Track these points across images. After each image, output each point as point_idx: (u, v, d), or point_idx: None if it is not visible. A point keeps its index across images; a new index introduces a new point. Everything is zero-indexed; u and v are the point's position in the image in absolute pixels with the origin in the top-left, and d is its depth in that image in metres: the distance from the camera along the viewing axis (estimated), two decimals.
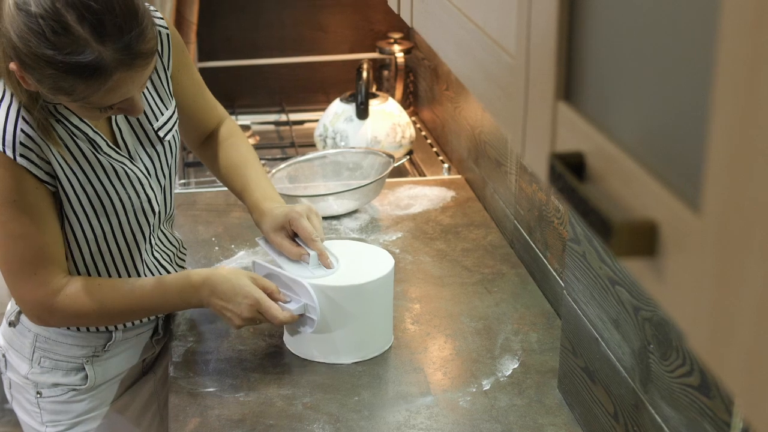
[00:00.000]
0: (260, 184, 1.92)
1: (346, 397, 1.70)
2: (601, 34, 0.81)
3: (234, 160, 1.97)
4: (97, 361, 1.85)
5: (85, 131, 1.66)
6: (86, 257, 1.73)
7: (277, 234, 1.83)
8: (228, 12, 3.25)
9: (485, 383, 1.73)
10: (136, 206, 1.74)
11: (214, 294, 1.73)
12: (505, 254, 2.20)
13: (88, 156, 1.67)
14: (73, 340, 1.82)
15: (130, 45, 1.48)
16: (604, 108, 0.81)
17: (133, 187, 1.73)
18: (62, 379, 1.84)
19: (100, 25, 1.45)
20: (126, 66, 1.49)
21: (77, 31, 1.45)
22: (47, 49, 1.45)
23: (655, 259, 0.71)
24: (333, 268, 1.78)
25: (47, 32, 1.45)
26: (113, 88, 1.51)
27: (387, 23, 3.30)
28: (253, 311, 1.72)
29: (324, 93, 3.33)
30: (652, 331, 1.33)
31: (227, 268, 1.78)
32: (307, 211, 1.83)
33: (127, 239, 1.76)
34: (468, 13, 1.17)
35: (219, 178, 2.02)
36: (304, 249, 1.80)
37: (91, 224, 1.71)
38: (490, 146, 2.37)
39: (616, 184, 0.77)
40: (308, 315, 1.76)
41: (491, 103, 1.09)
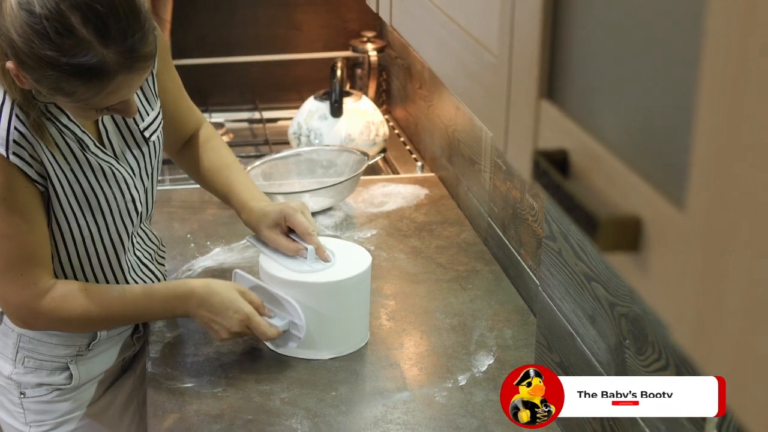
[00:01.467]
0: (245, 185, 1.93)
1: (324, 392, 1.71)
2: (584, 32, 0.83)
3: (216, 164, 1.97)
4: (81, 360, 1.84)
5: (74, 130, 1.66)
6: (72, 256, 1.73)
7: (272, 231, 1.84)
8: (202, 10, 3.26)
9: (461, 379, 1.75)
10: (120, 206, 1.74)
11: (202, 306, 1.73)
12: (479, 251, 2.22)
13: (77, 155, 1.67)
14: (58, 340, 1.81)
15: (134, 48, 1.47)
16: (587, 106, 0.83)
17: (119, 186, 1.73)
18: (46, 379, 1.83)
19: (105, 28, 1.45)
20: (128, 69, 1.48)
21: (81, 33, 1.44)
22: (50, 51, 1.44)
23: (639, 254, 0.73)
24: (330, 261, 1.80)
25: (51, 33, 1.44)
26: (114, 91, 1.50)
27: (360, 22, 3.31)
28: (243, 326, 1.73)
29: (297, 91, 3.34)
30: (628, 327, 1.35)
31: (215, 281, 1.78)
32: (301, 207, 1.84)
33: (113, 238, 1.75)
34: (450, 12, 1.19)
35: (199, 181, 2.02)
36: (301, 244, 1.81)
37: (78, 223, 1.70)
38: (464, 144, 2.39)
39: (599, 180, 0.79)
40: (293, 332, 1.77)
41: (473, 102, 1.11)
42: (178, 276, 2.11)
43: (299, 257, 1.81)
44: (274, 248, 1.85)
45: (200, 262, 2.18)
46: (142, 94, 1.78)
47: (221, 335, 1.74)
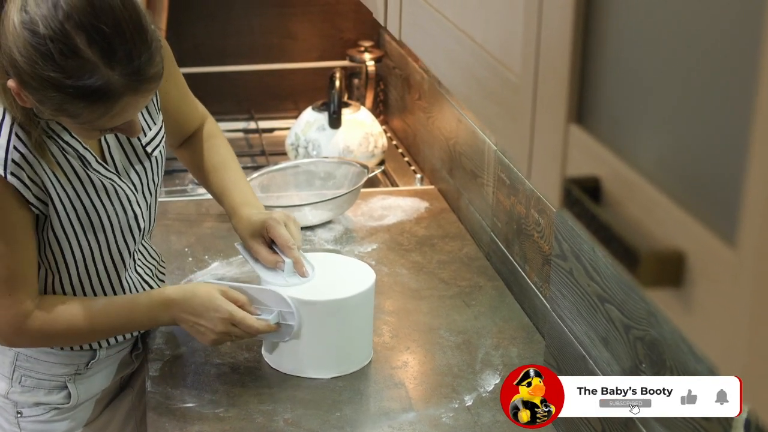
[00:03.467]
0: (239, 188, 1.90)
1: (328, 413, 1.68)
2: (618, 52, 0.80)
3: (213, 163, 1.94)
4: (80, 378, 1.81)
5: (75, 147, 1.62)
6: (72, 275, 1.70)
7: (254, 240, 1.81)
8: (196, 19, 3.22)
9: (467, 399, 1.72)
10: (122, 223, 1.71)
11: (184, 310, 1.70)
12: (482, 267, 2.19)
13: (79, 172, 1.63)
14: (56, 359, 1.77)
15: (140, 70, 1.44)
16: (622, 132, 0.80)
17: (120, 203, 1.69)
18: (44, 398, 1.80)
19: (110, 50, 1.41)
20: (134, 91, 1.45)
21: (87, 55, 1.40)
22: (54, 72, 1.40)
23: (682, 289, 0.70)
24: (308, 276, 1.76)
25: (55, 55, 1.40)
26: (118, 113, 1.47)
27: (356, 31, 3.28)
28: (227, 324, 1.69)
29: (293, 101, 3.30)
30: (645, 351, 1.32)
31: (195, 284, 1.76)
32: (285, 219, 1.81)
33: (113, 256, 1.72)
34: (465, 28, 1.16)
35: (198, 179, 2.00)
36: (280, 256, 1.78)
37: (80, 242, 1.67)
38: (466, 158, 2.36)
39: (635, 211, 0.76)
40: (285, 322, 1.73)
41: (492, 122, 1.08)
42: None
43: (277, 269, 1.78)
44: (257, 258, 1.82)
45: (198, 277, 2.14)
46: (145, 109, 1.74)
47: (208, 337, 1.70)
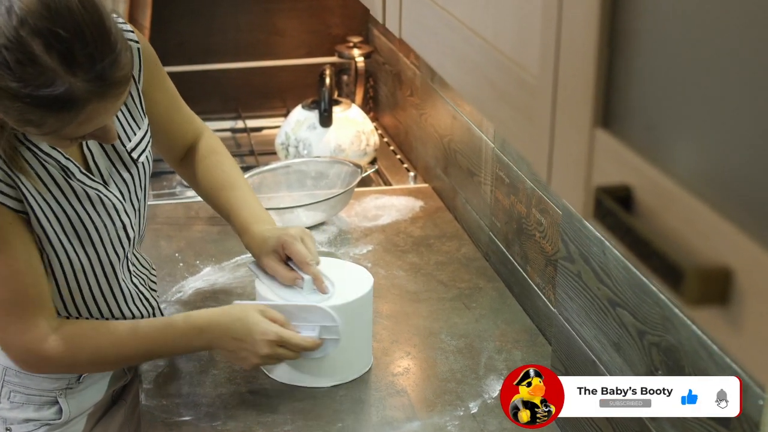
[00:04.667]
0: (248, 205, 1.83)
1: (329, 423, 1.62)
2: (650, 49, 0.74)
3: (219, 181, 1.87)
4: (71, 393, 1.74)
5: (57, 158, 1.54)
6: (62, 289, 1.62)
7: (270, 258, 1.74)
8: (181, 16, 3.16)
9: (472, 406, 1.67)
10: (111, 234, 1.63)
11: (225, 334, 1.62)
12: (481, 267, 2.14)
13: (61, 183, 1.55)
14: None
15: (104, 74, 1.35)
16: (654, 137, 0.75)
17: (108, 213, 1.62)
18: (34, 414, 1.73)
19: (70, 55, 1.32)
20: (99, 97, 1.36)
21: (45, 62, 1.32)
22: (12, 82, 1.32)
23: (729, 308, 0.65)
24: (328, 293, 1.70)
25: (11, 63, 1.31)
26: (86, 120, 1.39)
27: (344, 27, 3.22)
28: (273, 346, 1.61)
29: (281, 99, 3.25)
30: (661, 357, 1.27)
31: (230, 307, 1.67)
32: (301, 234, 1.74)
33: (105, 268, 1.65)
34: (474, 26, 1.10)
35: (201, 195, 1.92)
36: (298, 273, 1.71)
37: (68, 255, 1.59)
38: (462, 155, 2.31)
39: (674, 223, 0.71)
40: (329, 336, 1.67)
41: (505, 125, 1.03)
42: (168, 298, 2.02)
43: (296, 287, 1.72)
44: (273, 276, 1.75)
45: (190, 283, 2.08)
46: (128, 113, 1.67)
47: (251, 361, 1.63)
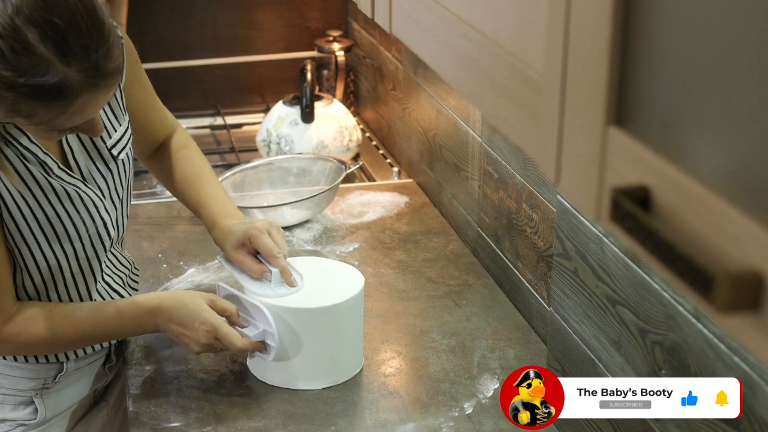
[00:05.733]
0: (217, 199, 1.81)
1: (322, 427, 1.59)
2: (667, 42, 0.71)
3: (188, 175, 1.85)
4: (47, 393, 1.72)
5: (35, 153, 1.53)
6: (37, 285, 1.61)
7: (238, 251, 1.72)
8: (157, 12, 3.11)
9: (467, 406, 1.64)
10: (91, 231, 1.62)
11: (170, 320, 1.63)
12: (469, 263, 2.11)
13: (39, 180, 1.54)
14: (21, 372, 1.69)
15: (97, 65, 1.35)
16: (674, 135, 0.72)
17: (87, 211, 1.60)
18: (9, 414, 1.71)
19: (65, 44, 1.32)
20: (92, 87, 1.36)
21: (40, 51, 1.32)
22: (6, 71, 1.32)
23: (761, 314, 0.63)
24: (296, 286, 1.68)
25: (6, 52, 1.31)
26: (77, 111, 1.38)
27: (323, 21, 3.18)
28: (210, 337, 1.62)
29: (260, 94, 3.21)
30: (664, 356, 1.25)
31: (183, 292, 1.68)
32: (268, 227, 1.73)
33: (82, 266, 1.63)
34: (472, 21, 1.07)
35: (173, 192, 1.91)
36: (266, 266, 1.69)
37: (43, 252, 1.58)
38: (447, 150, 2.28)
39: (698, 225, 0.68)
40: (267, 342, 1.66)
41: (509, 124, 1.00)
42: None
43: (264, 280, 1.70)
44: (242, 269, 1.73)
45: (174, 284, 2.04)
46: (109, 109, 1.66)
47: (192, 348, 1.64)
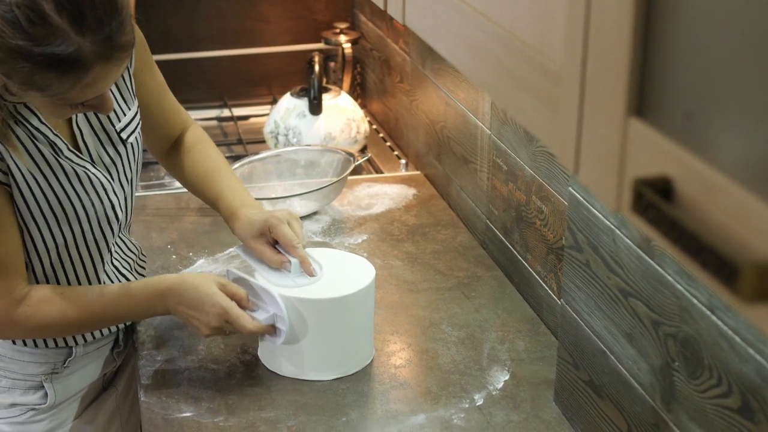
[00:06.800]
0: (235, 191, 1.82)
1: (333, 418, 1.59)
2: (690, 31, 0.71)
3: (205, 168, 1.85)
4: (57, 378, 1.73)
5: (46, 133, 1.55)
6: (45, 266, 1.62)
7: (257, 241, 1.73)
8: (164, 3, 3.11)
9: (477, 398, 1.65)
10: (99, 213, 1.63)
11: (181, 303, 1.63)
12: (478, 256, 2.12)
13: (49, 160, 1.56)
14: (31, 357, 1.70)
15: (111, 37, 1.38)
16: (696, 126, 0.72)
17: (96, 192, 1.62)
18: (20, 399, 1.72)
19: (80, 16, 1.35)
20: (105, 59, 1.39)
21: (55, 21, 1.35)
22: (22, 41, 1.35)
23: None
24: (316, 275, 1.68)
25: (23, 22, 1.34)
26: (90, 84, 1.41)
27: (330, 13, 3.18)
28: (221, 320, 1.62)
29: (267, 86, 3.21)
30: (678, 348, 1.25)
31: (194, 275, 1.68)
32: (288, 217, 1.73)
33: (90, 248, 1.65)
34: (488, 13, 1.07)
35: (188, 187, 1.91)
36: (285, 256, 1.69)
37: (52, 232, 1.59)
38: (456, 142, 2.28)
39: (721, 216, 0.68)
40: (278, 326, 1.66)
41: (527, 115, 1.00)
42: None
43: (283, 270, 1.70)
44: (261, 260, 1.73)
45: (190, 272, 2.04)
46: (118, 92, 1.68)
47: (202, 331, 1.64)
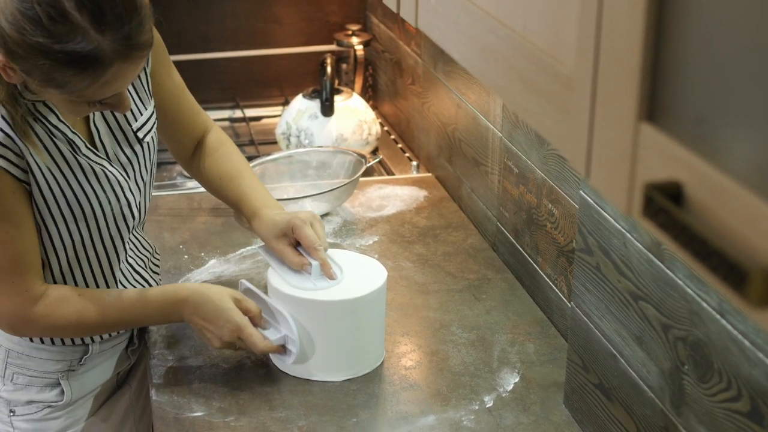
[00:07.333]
0: (258, 192, 1.83)
1: (343, 419, 1.60)
2: (702, 38, 0.71)
3: (228, 171, 1.87)
4: (73, 375, 1.75)
5: (64, 131, 1.57)
6: (62, 263, 1.64)
7: (279, 241, 1.74)
8: (178, 4, 3.12)
9: (487, 400, 1.65)
10: (115, 211, 1.65)
11: (196, 313, 1.65)
12: (489, 258, 2.12)
13: (67, 157, 1.57)
14: (48, 355, 1.72)
15: (130, 36, 1.40)
16: (705, 131, 0.72)
17: (113, 190, 1.63)
18: (37, 396, 1.74)
19: (100, 14, 1.37)
20: (124, 57, 1.41)
21: (76, 19, 1.37)
22: (42, 38, 1.37)
23: None
24: (336, 279, 1.69)
25: (44, 19, 1.36)
26: (108, 82, 1.42)
27: (342, 15, 3.19)
28: (234, 336, 1.64)
29: (279, 87, 3.22)
30: (687, 352, 1.25)
31: (211, 287, 1.69)
32: (311, 218, 1.74)
33: (106, 245, 1.66)
34: (500, 17, 1.08)
35: (210, 189, 1.92)
36: (306, 258, 1.70)
37: (69, 229, 1.61)
38: (467, 144, 2.29)
39: (731, 221, 0.69)
40: (288, 347, 1.67)
41: (538, 119, 1.00)
42: None
43: (304, 272, 1.71)
44: (282, 260, 1.74)
45: (195, 276, 2.06)
46: (135, 92, 1.69)
47: (213, 344, 1.66)
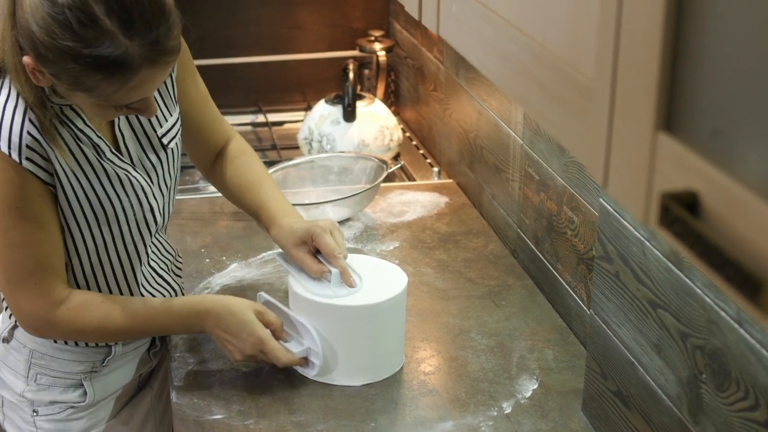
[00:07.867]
0: (278, 201, 1.84)
1: (362, 423, 1.61)
2: (720, 49, 0.72)
3: (248, 179, 1.88)
4: (96, 376, 1.77)
5: (89, 135, 1.58)
6: (85, 267, 1.65)
7: (299, 249, 1.75)
8: (202, 9, 3.14)
9: (505, 406, 1.66)
10: (138, 216, 1.66)
11: (218, 326, 1.67)
12: (509, 264, 2.13)
13: (92, 162, 1.59)
14: (71, 356, 1.73)
15: (158, 41, 1.41)
16: (722, 142, 0.73)
17: (136, 195, 1.65)
18: (60, 397, 1.75)
19: (129, 19, 1.39)
20: (151, 63, 1.42)
21: (105, 24, 1.38)
22: (72, 42, 1.38)
23: None
24: (356, 287, 1.69)
25: (74, 23, 1.37)
26: (136, 86, 1.44)
27: (365, 21, 3.21)
28: (256, 349, 1.66)
29: (301, 92, 3.23)
30: (705, 360, 1.25)
31: (234, 299, 1.70)
32: (331, 226, 1.75)
33: (128, 249, 1.68)
34: (521, 26, 1.09)
35: (230, 198, 1.93)
36: (326, 266, 1.71)
37: (92, 233, 1.63)
38: (488, 151, 2.29)
39: (746, 231, 0.69)
40: (311, 359, 1.68)
41: (557, 127, 1.01)
42: (196, 294, 2.01)
43: (323, 280, 1.72)
44: (300, 268, 1.75)
45: (217, 279, 2.07)
46: (160, 98, 1.71)
47: (235, 356, 1.68)
